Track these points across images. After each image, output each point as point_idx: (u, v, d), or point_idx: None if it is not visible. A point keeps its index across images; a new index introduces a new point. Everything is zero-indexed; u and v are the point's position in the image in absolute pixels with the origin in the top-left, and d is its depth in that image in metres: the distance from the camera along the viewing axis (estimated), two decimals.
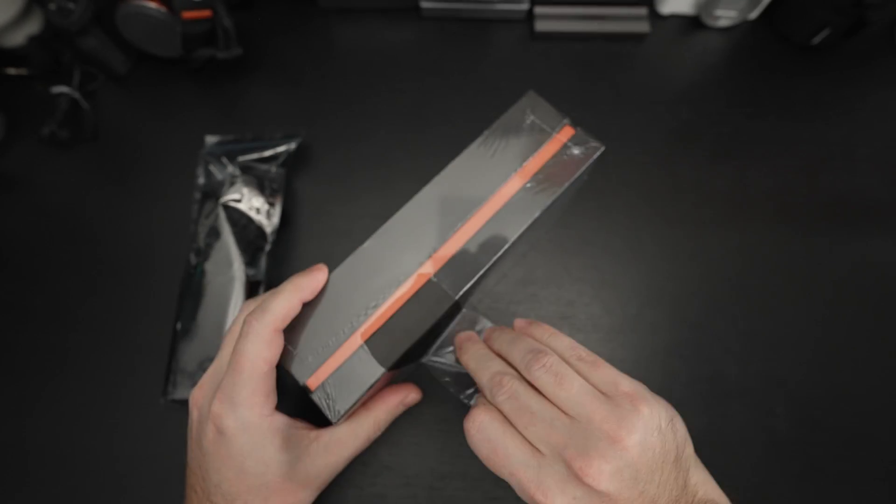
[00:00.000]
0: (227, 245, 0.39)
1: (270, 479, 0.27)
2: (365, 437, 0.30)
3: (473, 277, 0.27)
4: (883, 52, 0.50)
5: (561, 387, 0.25)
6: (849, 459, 0.38)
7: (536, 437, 0.24)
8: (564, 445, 0.23)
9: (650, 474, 0.23)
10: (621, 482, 0.23)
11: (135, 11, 0.42)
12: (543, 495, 0.23)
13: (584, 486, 0.23)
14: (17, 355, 0.40)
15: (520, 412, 0.25)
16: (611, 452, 0.23)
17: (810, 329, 0.41)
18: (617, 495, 0.23)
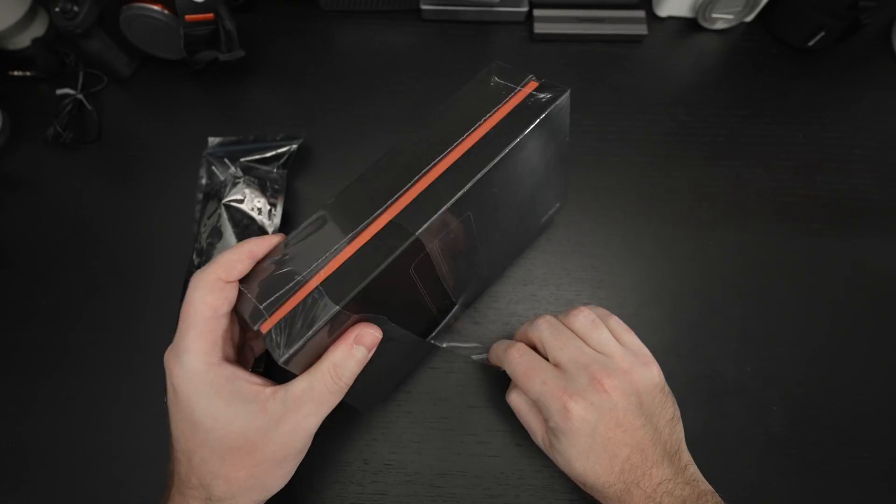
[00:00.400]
0: (229, 245, 0.39)
1: (223, 435, 0.25)
2: (322, 389, 0.26)
3: (435, 213, 0.26)
4: (877, 55, 0.50)
5: (594, 330, 0.32)
6: (845, 458, 0.38)
7: (567, 356, 0.30)
8: (588, 363, 0.30)
9: (650, 414, 0.30)
10: (628, 403, 0.29)
11: (138, 14, 0.42)
12: (570, 395, 0.29)
13: (601, 392, 0.29)
14: (20, 353, 0.40)
15: (557, 336, 0.31)
16: (623, 378, 0.30)
17: (807, 328, 0.41)
18: (623, 412, 0.29)
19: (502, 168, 0.28)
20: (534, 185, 0.33)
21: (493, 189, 0.29)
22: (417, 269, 0.28)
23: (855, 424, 0.39)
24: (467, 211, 0.28)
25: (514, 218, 0.35)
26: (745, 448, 0.38)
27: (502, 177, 0.29)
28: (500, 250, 0.37)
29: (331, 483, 0.37)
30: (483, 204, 0.29)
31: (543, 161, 0.32)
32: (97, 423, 0.38)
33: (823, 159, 0.46)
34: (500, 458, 0.37)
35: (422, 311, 0.32)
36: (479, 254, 0.33)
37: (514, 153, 0.29)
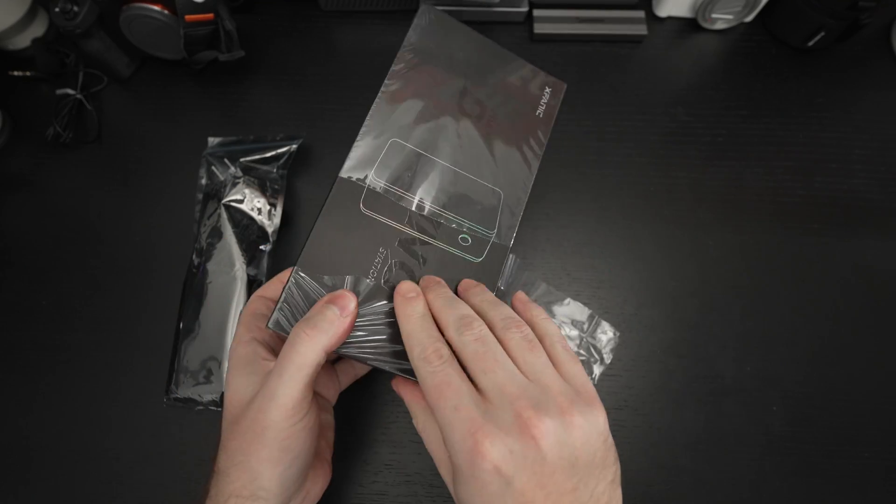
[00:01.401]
0: (229, 245, 0.39)
1: (229, 404, 0.27)
2: (282, 353, 0.25)
3: (376, 162, 0.28)
4: (877, 55, 0.50)
5: (531, 352, 0.25)
6: (845, 458, 0.38)
7: (492, 383, 0.23)
8: (518, 397, 0.23)
9: (586, 476, 0.23)
10: (560, 457, 0.22)
11: (138, 14, 0.42)
12: (483, 435, 0.22)
13: (527, 438, 0.22)
14: (21, 353, 0.40)
15: (484, 356, 0.24)
16: (559, 420, 0.22)
17: (806, 328, 0.41)
18: (551, 470, 0.22)
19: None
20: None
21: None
22: (369, 204, 0.28)
23: (854, 424, 0.39)
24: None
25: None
26: (744, 448, 0.38)
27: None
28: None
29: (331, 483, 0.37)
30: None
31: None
32: (97, 423, 0.38)
33: (823, 159, 0.46)
34: None
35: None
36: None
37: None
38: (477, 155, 0.31)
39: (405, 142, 0.29)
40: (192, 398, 0.37)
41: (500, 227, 0.31)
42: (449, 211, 0.30)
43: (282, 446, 0.25)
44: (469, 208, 0.30)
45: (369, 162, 0.28)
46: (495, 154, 0.31)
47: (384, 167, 0.29)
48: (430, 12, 0.32)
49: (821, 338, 0.41)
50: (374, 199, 0.28)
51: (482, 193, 0.31)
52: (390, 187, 0.29)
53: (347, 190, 0.28)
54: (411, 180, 0.29)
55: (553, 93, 0.35)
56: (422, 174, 0.29)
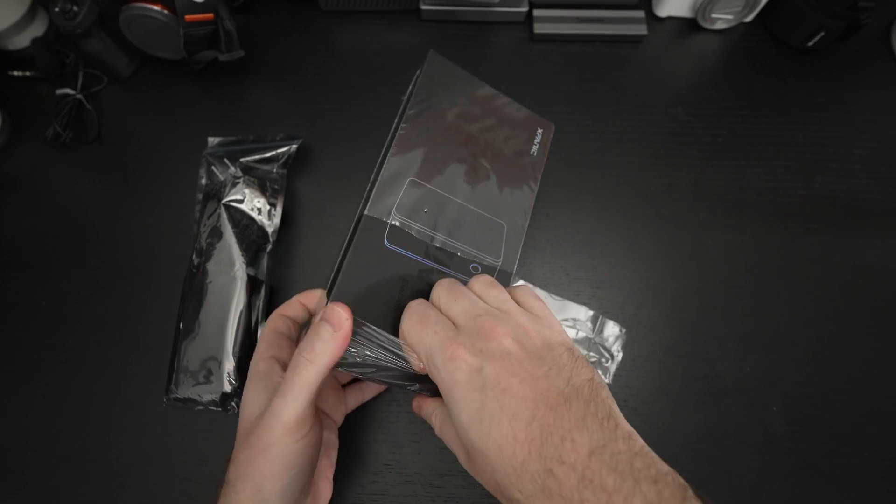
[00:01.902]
0: (229, 245, 0.39)
1: (242, 417, 0.29)
2: (289, 371, 0.27)
3: (372, 191, 0.31)
4: (877, 55, 0.50)
5: (492, 287, 0.29)
6: (845, 458, 0.38)
7: (459, 309, 0.27)
8: (480, 314, 0.27)
9: (556, 365, 0.25)
10: (524, 350, 0.25)
11: (138, 14, 0.42)
12: (456, 346, 0.25)
13: (490, 339, 0.25)
14: (21, 353, 0.40)
15: (451, 291, 0.28)
16: (518, 329, 0.26)
17: (806, 328, 0.41)
18: (518, 360, 0.24)
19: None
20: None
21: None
22: (392, 239, 0.31)
23: (854, 424, 0.39)
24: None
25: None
26: (744, 448, 0.38)
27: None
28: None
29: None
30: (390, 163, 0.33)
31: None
32: (97, 423, 0.38)
33: (823, 159, 0.46)
34: None
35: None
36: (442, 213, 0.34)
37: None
38: (482, 191, 0.34)
39: (421, 181, 0.32)
40: (192, 398, 0.37)
41: (505, 255, 0.34)
42: (461, 242, 0.33)
43: (284, 463, 0.27)
44: (478, 239, 0.33)
45: (390, 201, 0.31)
46: (498, 190, 0.35)
47: (403, 205, 0.31)
48: (437, 59, 0.35)
49: (821, 338, 0.41)
50: (397, 235, 0.31)
51: (488, 226, 0.34)
52: (410, 223, 0.31)
53: (372, 227, 0.30)
54: (427, 216, 0.32)
55: (544, 133, 0.38)
56: (436, 210, 0.32)
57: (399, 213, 0.31)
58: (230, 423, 0.36)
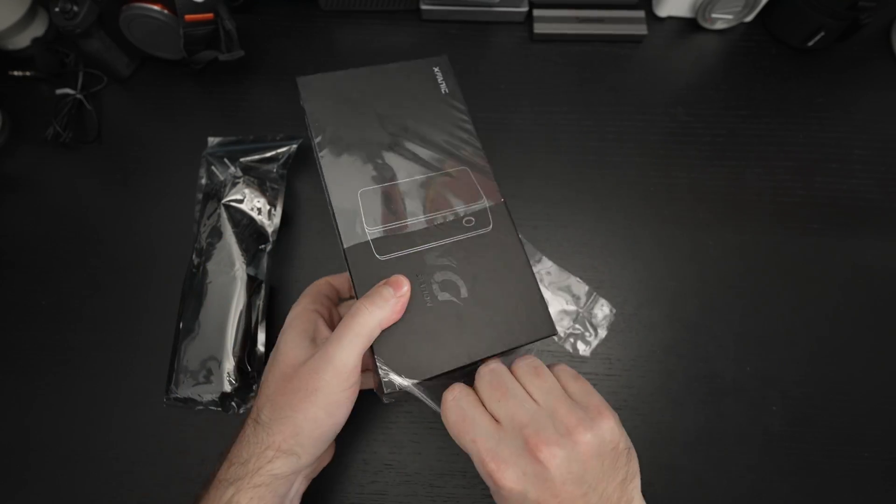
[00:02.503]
0: (229, 245, 0.39)
1: (283, 360, 0.29)
2: (344, 322, 0.28)
3: (360, 216, 0.31)
4: (877, 55, 0.50)
5: (537, 377, 0.28)
6: (845, 458, 0.38)
7: (504, 411, 0.27)
8: (526, 424, 0.26)
9: (594, 483, 0.25)
10: (569, 473, 0.25)
11: (138, 14, 0.42)
12: (497, 464, 0.25)
13: (537, 463, 0.25)
14: (21, 353, 0.40)
15: (496, 386, 0.28)
16: (564, 442, 0.25)
17: (806, 328, 0.41)
18: (561, 484, 0.25)
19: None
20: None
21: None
22: (382, 251, 0.31)
23: (854, 424, 0.39)
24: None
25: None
26: (744, 448, 0.38)
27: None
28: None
29: (331, 483, 0.37)
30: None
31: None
32: (97, 423, 0.38)
33: (823, 159, 0.46)
34: None
35: None
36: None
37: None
38: (426, 155, 0.34)
39: (369, 185, 0.32)
40: (192, 398, 0.37)
41: (485, 193, 0.33)
42: (441, 210, 0.32)
43: (328, 410, 0.27)
44: (453, 195, 0.33)
45: (355, 220, 0.31)
46: (437, 144, 0.34)
47: (370, 216, 0.31)
48: (306, 81, 0.35)
49: (821, 338, 0.41)
50: (383, 244, 0.31)
51: (453, 177, 0.33)
52: (386, 226, 0.31)
53: (358, 254, 0.30)
54: (395, 210, 0.32)
55: (442, 68, 0.37)
56: (400, 199, 0.32)
57: (370, 225, 0.31)
58: (230, 423, 0.36)
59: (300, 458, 0.28)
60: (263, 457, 0.27)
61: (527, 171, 0.45)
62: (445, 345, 0.29)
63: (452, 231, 0.32)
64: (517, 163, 0.45)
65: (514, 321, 0.30)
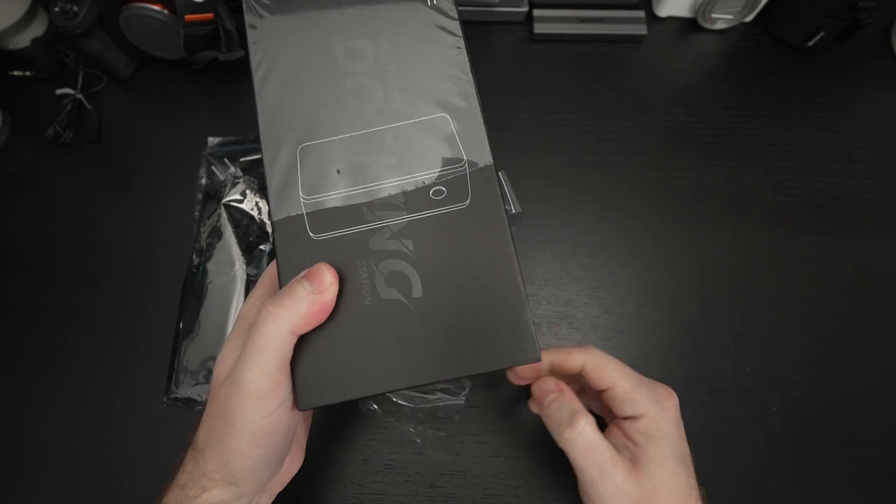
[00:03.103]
0: (229, 245, 0.39)
1: (219, 373, 0.25)
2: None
3: (298, 182, 0.24)
4: (877, 55, 0.50)
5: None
6: (845, 458, 0.38)
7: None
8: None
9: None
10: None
11: (138, 14, 0.42)
12: (658, 398, 0.30)
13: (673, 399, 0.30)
14: (21, 353, 0.40)
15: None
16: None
17: (807, 328, 0.41)
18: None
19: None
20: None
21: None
22: (317, 229, 0.24)
23: (854, 424, 0.39)
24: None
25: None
26: (744, 448, 0.38)
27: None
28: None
29: (331, 483, 0.37)
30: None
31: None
32: (97, 423, 0.38)
33: (823, 159, 0.46)
34: (500, 458, 0.37)
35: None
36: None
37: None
38: (392, 97, 0.25)
39: (314, 140, 0.24)
40: (192, 398, 0.37)
41: (468, 150, 0.25)
42: (403, 175, 0.24)
43: (252, 440, 0.23)
44: (423, 155, 0.24)
45: (290, 185, 0.24)
46: (414, 78, 0.25)
47: (308, 182, 0.24)
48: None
49: (821, 338, 0.41)
50: (320, 219, 0.24)
51: (427, 129, 0.25)
52: (328, 196, 0.24)
53: (288, 230, 0.24)
54: (343, 175, 0.24)
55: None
56: (350, 159, 0.24)
57: (308, 194, 0.24)
58: None
59: (239, 486, 0.24)
60: (198, 485, 0.24)
61: (527, 172, 0.45)
62: (380, 360, 0.23)
63: (416, 205, 0.24)
64: (517, 163, 0.45)
65: (482, 337, 0.23)
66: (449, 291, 0.23)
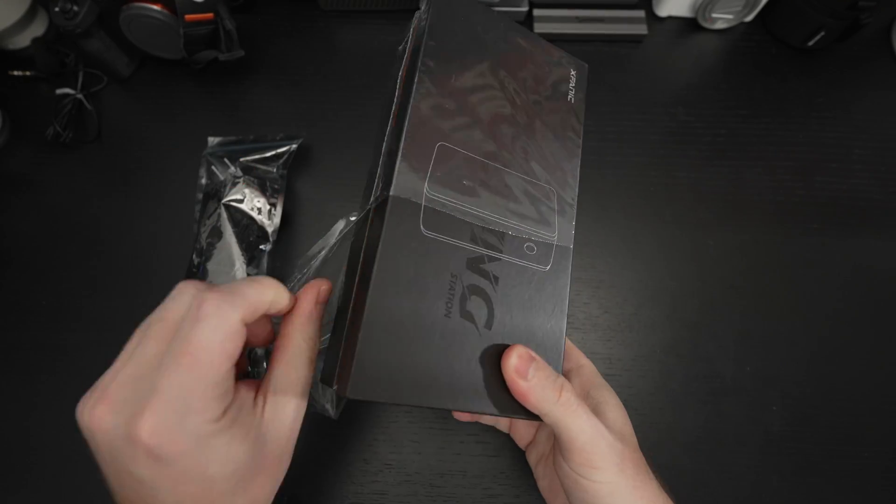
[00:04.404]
0: (229, 245, 0.39)
1: (242, 474, 0.22)
2: (305, 362, 0.24)
3: (427, 173, 0.25)
4: (877, 55, 0.50)
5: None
6: (845, 458, 0.38)
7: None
8: None
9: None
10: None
11: (138, 14, 0.42)
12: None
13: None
14: (21, 353, 0.40)
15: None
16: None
17: (807, 328, 0.41)
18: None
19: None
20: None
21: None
22: (429, 224, 0.24)
23: (854, 424, 0.39)
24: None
25: None
26: (744, 448, 0.38)
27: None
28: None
29: (331, 483, 0.37)
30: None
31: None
32: None
33: (823, 159, 0.46)
34: (500, 457, 0.37)
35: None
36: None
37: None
38: (524, 151, 0.27)
39: (454, 146, 0.25)
40: None
41: (560, 227, 0.28)
42: (510, 219, 0.26)
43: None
44: (527, 211, 0.27)
45: (420, 175, 0.24)
46: (541, 148, 0.28)
47: (436, 178, 0.24)
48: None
49: (821, 338, 0.41)
50: (435, 218, 0.24)
51: (537, 193, 0.27)
52: (447, 200, 0.25)
53: (402, 211, 0.23)
54: (467, 189, 0.25)
55: (578, 75, 0.31)
56: (476, 181, 0.25)
57: (432, 188, 0.24)
58: None
59: None
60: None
61: None
62: (439, 374, 0.23)
63: (511, 250, 0.26)
64: None
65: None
66: (510, 333, 0.25)
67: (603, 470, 0.25)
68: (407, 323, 0.23)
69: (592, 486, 0.25)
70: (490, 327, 0.24)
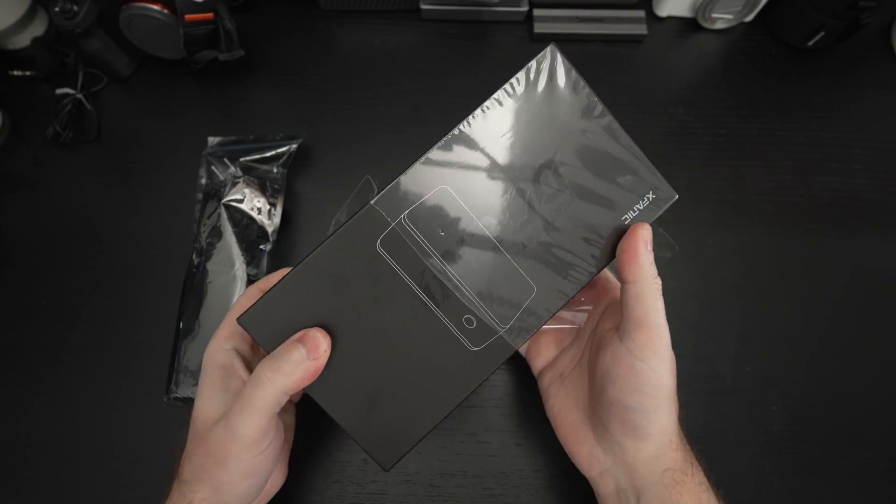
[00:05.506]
0: (229, 245, 0.39)
1: (197, 416, 0.28)
2: (249, 388, 0.25)
3: (415, 204, 0.25)
4: (877, 55, 0.50)
5: None
6: (845, 457, 0.38)
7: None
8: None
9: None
10: None
11: (138, 14, 0.42)
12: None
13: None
14: (21, 353, 0.40)
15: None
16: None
17: (807, 328, 0.41)
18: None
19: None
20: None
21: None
22: (387, 245, 0.25)
23: (854, 424, 0.39)
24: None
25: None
26: (744, 448, 0.38)
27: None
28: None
29: (331, 483, 0.37)
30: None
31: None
32: (97, 423, 0.38)
33: (823, 159, 0.46)
34: (499, 457, 0.37)
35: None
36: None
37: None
38: (526, 238, 0.26)
39: (456, 195, 0.25)
40: (192, 398, 0.37)
41: (514, 326, 0.26)
42: (467, 285, 0.26)
43: (244, 473, 0.26)
44: (490, 290, 0.26)
45: (407, 202, 0.24)
46: (546, 247, 0.26)
47: (420, 212, 0.25)
48: (557, 58, 0.28)
49: (821, 338, 0.41)
50: (394, 242, 0.25)
51: (512, 281, 0.26)
52: (416, 235, 0.25)
53: (371, 222, 0.24)
54: (442, 239, 0.25)
55: (656, 199, 0.28)
56: (456, 234, 0.25)
57: (410, 218, 0.25)
58: None
59: None
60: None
61: None
62: (426, 399, 0.26)
63: (448, 311, 0.26)
64: None
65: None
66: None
67: (661, 359, 0.26)
68: (322, 302, 0.25)
69: (645, 372, 0.26)
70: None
